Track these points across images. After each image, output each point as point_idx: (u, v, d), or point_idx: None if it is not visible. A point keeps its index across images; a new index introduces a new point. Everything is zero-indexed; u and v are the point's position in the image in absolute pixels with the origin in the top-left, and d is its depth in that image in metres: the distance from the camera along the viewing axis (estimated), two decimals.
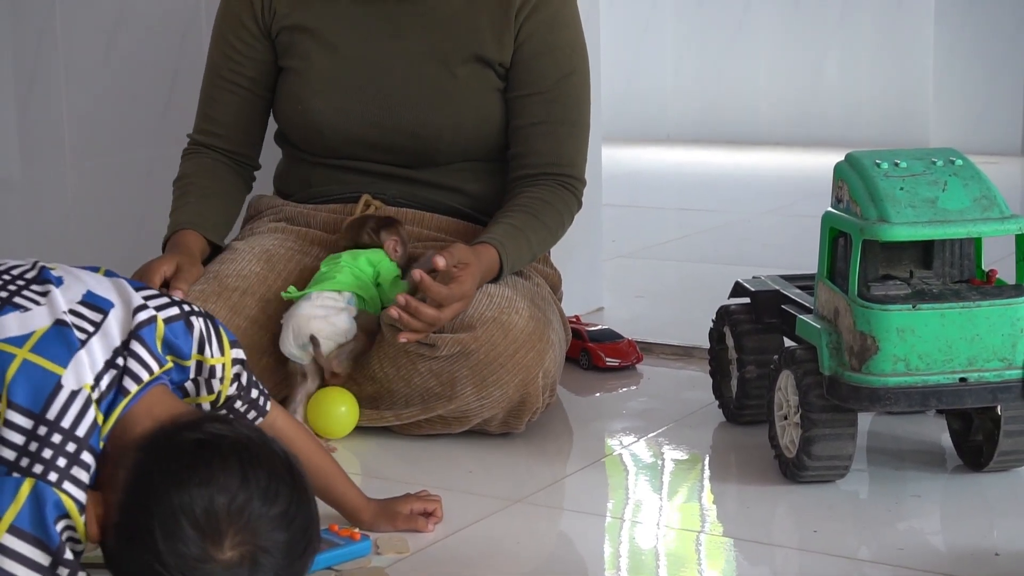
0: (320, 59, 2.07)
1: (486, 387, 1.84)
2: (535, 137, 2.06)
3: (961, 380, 1.62)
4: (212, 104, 2.15)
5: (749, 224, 3.94)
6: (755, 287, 1.94)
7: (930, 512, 1.67)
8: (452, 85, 2.04)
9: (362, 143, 2.08)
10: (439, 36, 2.05)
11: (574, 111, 2.08)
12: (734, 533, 1.62)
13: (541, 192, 2.04)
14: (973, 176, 1.66)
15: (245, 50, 2.11)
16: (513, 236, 1.96)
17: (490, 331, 1.84)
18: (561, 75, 2.06)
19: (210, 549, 1.16)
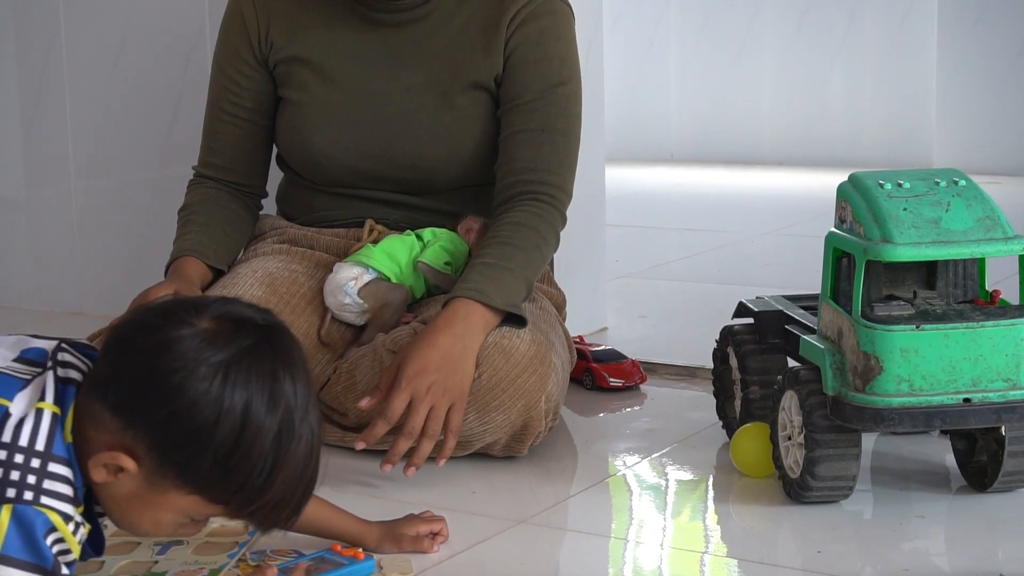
0: (318, 91, 2.07)
1: (488, 412, 1.84)
2: (514, 145, 2.00)
3: (965, 400, 1.62)
4: (214, 136, 2.15)
5: (752, 244, 3.94)
6: (759, 307, 1.94)
7: (934, 533, 1.67)
8: (450, 116, 2.04)
9: (362, 175, 2.09)
10: (437, 65, 2.04)
11: (559, 120, 2.00)
12: (738, 554, 1.62)
13: (516, 215, 1.95)
14: (976, 196, 1.66)
15: (244, 82, 2.11)
16: (487, 275, 1.86)
17: (492, 356, 1.84)
18: (547, 86, 2.00)
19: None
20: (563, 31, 2.04)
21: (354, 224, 2.12)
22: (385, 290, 1.98)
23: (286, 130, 2.11)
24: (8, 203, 3.10)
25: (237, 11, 2.11)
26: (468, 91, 2.04)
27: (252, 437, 1.19)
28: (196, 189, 2.15)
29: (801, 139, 5.81)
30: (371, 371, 1.92)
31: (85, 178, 2.96)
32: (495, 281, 1.86)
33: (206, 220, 2.09)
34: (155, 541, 1.61)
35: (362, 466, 1.91)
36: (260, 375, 1.20)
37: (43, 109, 2.98)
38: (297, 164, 2.14)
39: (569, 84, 2.02)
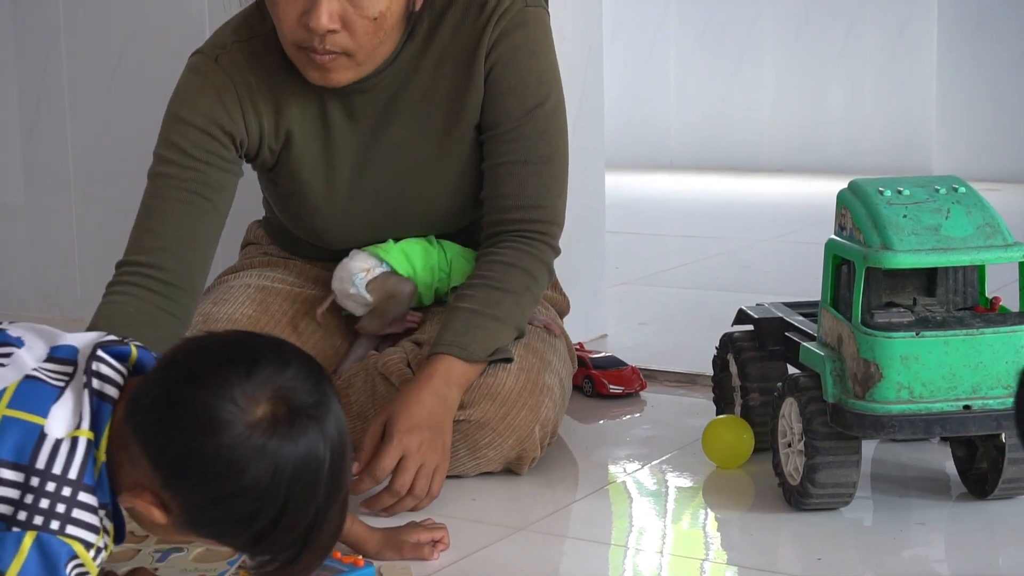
0: (309, 177, 1.92)
1: (479, 449, 1.83)
2: (497, 178, 1.89)
3: (965, 408, 1.62)
4: (157, 217, 1.84)
5: (752, 251, 3.94)
6: (759, 314, 1.94)
7: (935, 540, 1.66)
8: (450, 163, 1.92)
9: (361, 235, 1.99)
10: (420, 115, 1.90)
11: (541, 146, 1.88)
12: (738, 561, 1.61)
13: (505, 254, 1.87)
14: (976, 204, 1.66)
15: (210, 159, 1.85)
16: (472, 324, 1.80)
17: (479, 400, 1.80)
18: (526, 110, 1.88)
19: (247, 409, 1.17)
20: (536, 43, 1.89)
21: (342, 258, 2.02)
22: (395, 283, 1.94)
23: (284, 205, 1.99)
24: (8, 210, 3.10)
25: (211, 93, 1.87)
26: (460, 133, 1.91)
27: (289, 525, 1.20)
28: (115, 296, 1.80)
29: (801, 146, 5.82)
30: (364, 392, 1.89)
31: (85, 185, 2.96)
32: (480, 330, 1.80)
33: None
34: (155, 548, 1.60)
35: None
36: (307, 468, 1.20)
37: (43, 117, 2.98)
38: (299, 232, 2.03)
39: (547, 102, 1.90)
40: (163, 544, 1.62)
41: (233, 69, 1.87)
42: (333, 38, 1.75)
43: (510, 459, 1.85)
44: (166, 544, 1.62)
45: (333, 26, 1.74)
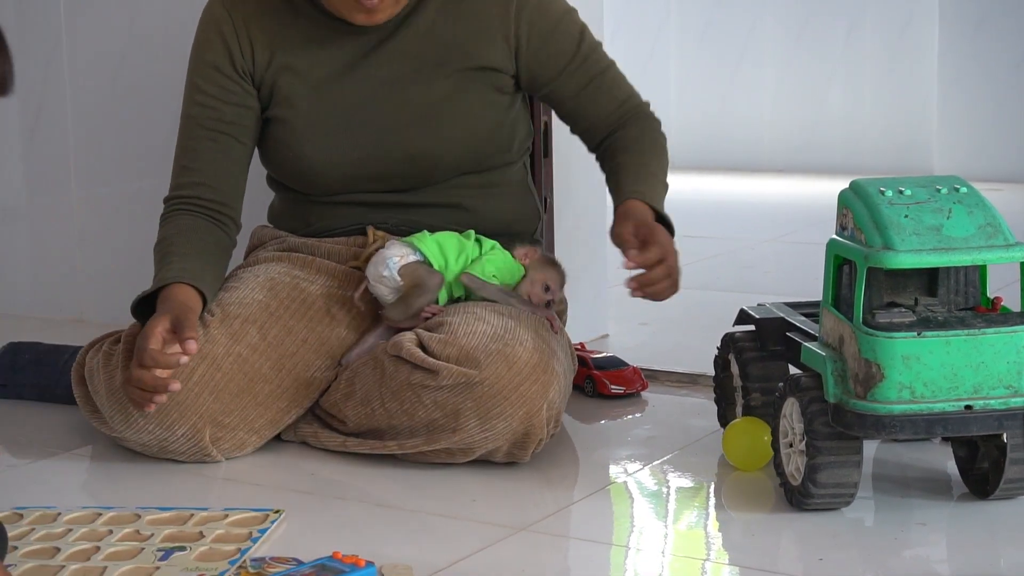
0: (303, 104, 2.06)
1: (490, 419, 1.84)
2: (587, 102, 2.11)
3: (966, 408, 1.62)
4: (190, 156, 2.07)
5: (753, 251, 3.94)
6: (760, 314, 1.93)
7: (936, 540, 1.66)
8: (439, 99, 2.05)
9: (358, 178, 2.08)
10: (419, 55, 2.04)
11: (600, 58, 2.12)
12: (740, 561, 1.61)
13: (627, 132, 2.11)
14: (978, 203, 1.66)
15: (224, 95, 2.06)
16: (639, 176, 2.05)
17: (495, 364, 1.83)
18: (574, 42, 2.09)
19: None
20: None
21: (354, 232, 2.12)
22: (424, 272, 1.97)
23: (276, 148, 2.10)
24: (10, 212, 3.10)
25: (214, 28, 2.08)
26: (462, 73, 2.05)
27: None
28: (172, 219, 2.05)
29: (802, 146, 5.81)
30: (371, 379, 1.92)
31: (86, 187, 2.96)
32: (646, 183, 2.03)
33: (187, 250, 1.99)
34: (158, 547, 1.61)
35: (362, 472, 1.90)
36: None
37: (44, 119, 2.98)
38: (290, 179, 2.13)
39: (584, 30, 2.12)
40: (166, 543, 1.63)
41: (233, 4, 2.08)
42: None
43: (517, 435, 1.85)
44: (169, 543, 1.62)
45: None
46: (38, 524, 1.69)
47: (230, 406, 1.93)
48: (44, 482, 1.93)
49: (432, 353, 1.86)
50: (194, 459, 1.94)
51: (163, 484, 1.88)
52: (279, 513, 1.72)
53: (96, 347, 2.02)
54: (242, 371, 1.94)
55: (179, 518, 1.71)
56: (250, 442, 1.97)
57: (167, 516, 1.72)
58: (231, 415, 1.94)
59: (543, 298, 2.01)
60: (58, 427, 2.16)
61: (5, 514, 1.72)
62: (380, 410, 1.91)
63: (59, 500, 1.80)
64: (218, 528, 1.67)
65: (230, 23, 2.07)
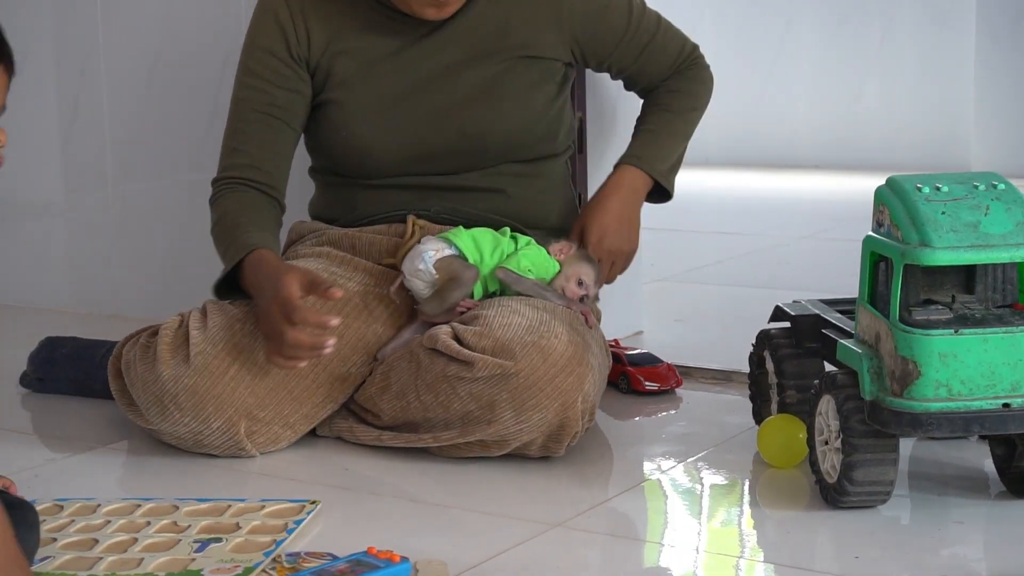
0: (358, 86, 2.10)
1: (525, 411, 1.84)
2: (644, 68, 2.21)
3: (1004, 406, 1.61)
4: (240, 137, 2.11)
5: (788, 248, 3.93)
6: (795, 311, 1.93)
7: (974, 539, 1.65)
8: (492, 81, 2.10)
9: (408, 157, 2.10)
10: (472, 42, 2.09)
11: (650, 24, 2.20)
12: (774, 559, 1.61)
13: (667, 84, 2.23)
14: (1016, 200, 1.65)
15: (277, 80, 2.10)
16: (648, 141, 2.19)
17: (530, 355, 1.84)
18: (625, 17, 2.17)
19: None
20: None
21: (396, 219, 2.13)
22: (459, 266, 1.98)
23: (329, 130, 2.13)
24: (48, 208, 3.12)
25: (271, 14, 2.12)
26: (507, 60, 2.10)
27: None
28: (228, 196, 2.09)
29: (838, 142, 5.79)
30: (407, 372, 1.93)
31: (122, 183, 2.98)
32: (654, 147, 2.19)
33: (256, 220, 2.05)
34: (194, 539, 1.62)
35: (396, 467, 1.91)
36: None
37: (81, 118, 3.00)
38: (341, 161, 2.14)
39: (631, 3, 2.19)
40: (202, 535, 1.64)
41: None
42: None
43: (552, 427, 1.85)
44: (205, 535, 1.63)
45: None
46: (78, 516, 1.71)
47: (265, 400, 1.94)
48: (82, 475, 1.95)
49: (467, 345, 1.87)
50: (228, 453, 1.95)
51: (199, 478, 1.90)
52: (315, 504, 1.73)
53: (133, 340, 2.04)
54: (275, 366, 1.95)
55: (216, 509, 1.72)
56: (284, 436, 1.98)
57: (204, 507, 1.73)
58: (266, 409, 1.95)
59: (577, 293, 2.01)
60: (95, 421, 2.18)
61: (46, 506, 1.73)
62: (416, 403, 1.91)
63: (97, 493, 1.81)
64: (254, 519, 1.68)
65: (287, 9, 2.10)
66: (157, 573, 1.53)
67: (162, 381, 1.92)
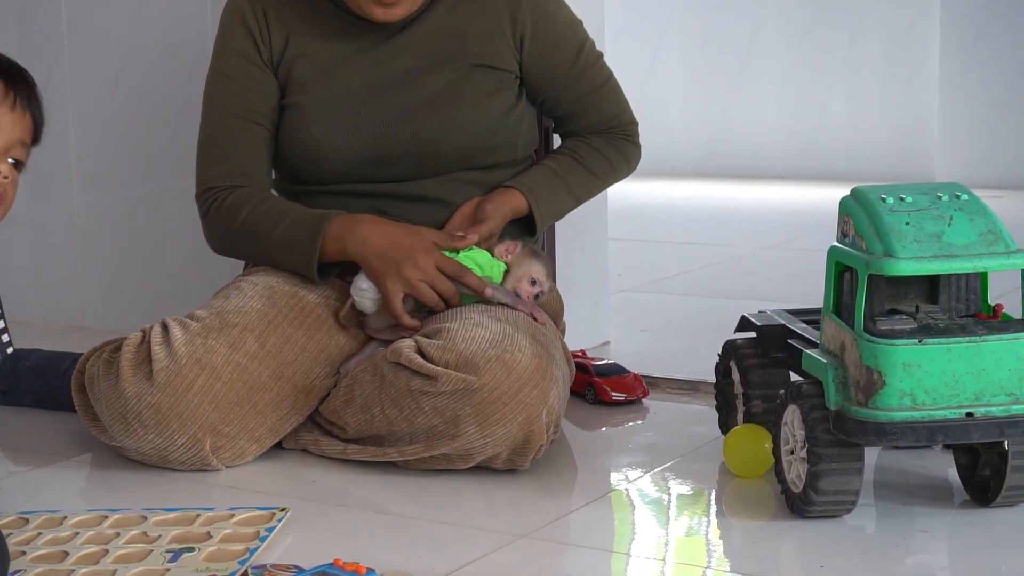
0: (317, 90, 2.09)
1: (489, 425, 1.84)
2: (576, 114, 2.18)
3: (968, 415, 1.62)
4: (223, 144, 2.10)
5: (754, 258, 3.94)
6: (761, 321, 1.94)
7: (938, 547, 1.66)
8: (449, 87, 2.08)
9: (365, 160, 2.09)
10: (430, 49, 2.09)
11: (597, 74, 2.18)
12: (741, 569, 1.61)
13: (591, 140, 2.19)
14: (979, 210, 1.66)
15: (255, 85, 2.10)
16: (546, 179, 2.12)
17: (494, 369, 1.84)
18: (572, 57, 2.15)
19: None
20: (550, 4, 2.16)
21: None
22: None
23: (287, 134, 2.12)
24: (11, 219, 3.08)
25: (237, 18, 2.12)
26: (463, 68, 2.09)
27: None
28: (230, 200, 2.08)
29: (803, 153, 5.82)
30: (371, 385, 1.93)
31: (87, 193, 2.97)
32: (550, 188, 2.12)
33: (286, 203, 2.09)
34: (167, 548, 1.61)
35: (363, 479, 1.90)
36: None
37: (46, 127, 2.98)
38: (298, 163, 2.12)
39: (586, 42, 2.18)
40: (174, 544, 1.63)
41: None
42: None
43: (517, 441, 1.85)
44: (177, 544, 1.63)
45: None
46: (44, 528, 1.69)
47: (230, 415, 1.93)
48: (46, 488, 1.93)
49: (431, 359, 1.86)
50: (194, 468, 1.94)
51: (164, 490, 1.88)
52: (285, 512, 1.72)
53: (97, 354, 2.02)
54: (241, 380, 1.94)
55: (185, 519, 1.71)
56: (250, 451, 1.97)
57: (173, 517, 1.72)
58: (231, 424, 1.94)
59: (531, 292, 2.02)
60: (59, 434, 2.16)
61: (10, 519, 1.72)
62: (380, 416, 1.91)
63: (62, 505, 1.80)
64: (225, 528, 1.67)
65: (251, 12, 2.11)
66: None
67: (125, 398, 1.91)
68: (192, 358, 1.92)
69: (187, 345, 1.93)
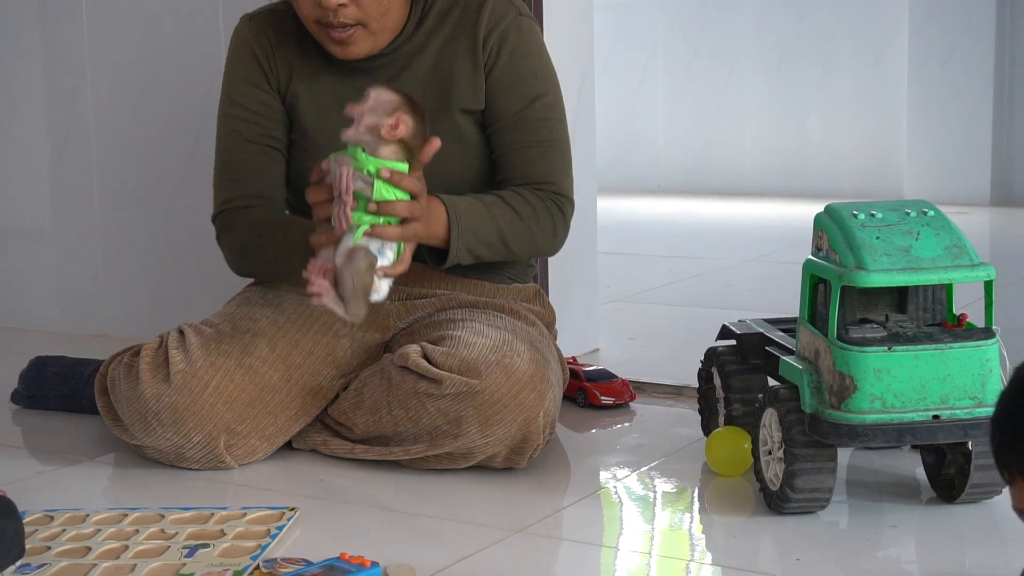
0: (316, 132, 2.04)
1: (490, 426, 1.84)
2: (508, 163, 2.01)
3: (934, 417, 1.62)
4: (238, 169, 2.04)
5: (735, 270, 3.95)
6: (741, 330, 1.94)
7: (906, 542, 1.67)
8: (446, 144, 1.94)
9: None
10: (421, 95, 1.95)
11: (542, 131, 2.01)
12: (722, 561, 1.62)
13: (522, 192, 1.98)
14: (944, 226, 1.67)
15: (266, 111, 2.05)
16: (474, 207, 1.91)
17: (494, 374, 1.84)
18: (525, 103, 2.01)
19: None
20: (531, 46, 2.03)
21: None
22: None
23: (292, 166, 2.08)
24: (37, 233, 3.10)
25: (245, 48, 2.07)
26: (457, 115, 2.01)
27: None
28: (240, 219, 2.01)
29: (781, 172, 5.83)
30: (379, 389, 1.93)
31: (108, 210, 2.97)
32: (475, 217, 1.90)
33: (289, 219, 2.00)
34: (183, 544, 1.61)
35: (368, 478, 1.91)
36: None
37: (70, 147, 2.99)
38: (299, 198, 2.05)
39: (546, 96, 2.02)
40: (190, 541, 1.63)
41: (259, 27, 2.06)
42: (344, 11, 1.91)
43: (515, 440, 1.86)
44: (193, 541, 1.63)
45: (342, 0, 1.89)
46: (68, 525, 1.70)
47: (243, 415, 1.94)
48: (70, 487, 1.93)
49: (436, 364, 1.87)
50: (208, 466, 1.95)
51: (181, 490, 1.88)
52: (294, 511, 1.72)
53: (118, 360, 2.03)
54: (253, 382, 1.95)
55: (200, 517, 1.72)
56: (261, 449, 1.97)
57: (189, 515, 1.72)
58: (244, 423, 1.94)
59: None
60: (82, 436, 2.16)
61: (37, 516, 1.72)
62: (387, 417, 1.91)
63: (85, 503, 1.80)
64: (238, 526, 1.67)
65: (259, 45, 2.05)
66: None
67: (144, 399, 1.92)
68: (207, 361, 1.92)
69: (202, 349, 1.93)
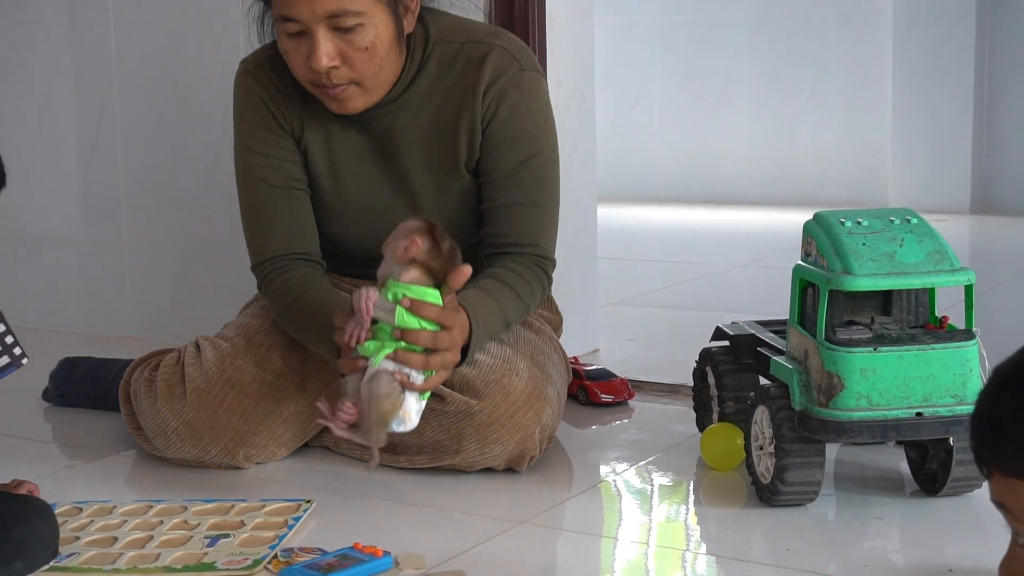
0: (327, 185, 1.94)
1: (488, 443, 1.84)
2: (496, 219, 1.90)
3: (917, 414, 1.63)
4: (270, 216, 1.91)
5: (728, 275, 3.95)
6: (734, 331, 1.94)
7: (891, 533, 1.67)
8: (450, 195, 1.93)
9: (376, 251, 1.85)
10: (424, 151, 1.92)
11: (534, 192, 1.89)
12: (716, 551, 1.62)
13: (510, 263, 1.88)
14: (927, 233, 1.67)
15: (284, 154, 1.92)
16: (484, 301, 1.79)
17: (492, 394, 1.83)
18: (519, 161, 1.89)
19: None
20: (531, 103, 1.90)
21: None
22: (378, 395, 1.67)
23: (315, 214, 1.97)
24: (66, 239, 3.11)
25: (254, 96, 1.93)
26: (458, 174, 1.92)
27: None
28: (276, 282, 1.89)
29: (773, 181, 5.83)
30: None
31: (134, 217, 2.98)
32: (487, 315, 1.78)
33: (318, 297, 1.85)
34: (205, 534, 1.62)
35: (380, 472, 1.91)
36: None
37: (98, 159, 3.00)
38: (327, 242, 2.00)
39: (540, 155, 1.90)
40: (212, 531, 1.64)
41: (265, 77, 1.93)
42: (336, 73, 1.81)
43: (513, 456, 1.86)
44: (214, 531, 1.63)
45: (333, 63, 1.79)
46: (96, 516, 1.70)
47: (259, 427, 1.92)
48: (97, 480, 1.94)
49: None
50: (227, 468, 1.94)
51: (203, 483, 1.89)
52: (310, 503, 1.73)
53: (139, 370, 2.00)
54: (268, 395, 1.92)
55: (221, 509, 1.72)
56: (279, 453, 1.96)
57: (211, 507, 1.73)
58: (261, 435, 1.92)
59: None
60: (108, 432, 2.17)
61: (66, 508, 1.73)
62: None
63: (111, 495, 1.81)
64: (257, 517, 1.68)
65: (267, 93, 1.92)
66: (175, 566, 1.53)
67: (163, 416, 1.90)
68: (222, 378, 1.90)
69: (217, 365, 1.91)
